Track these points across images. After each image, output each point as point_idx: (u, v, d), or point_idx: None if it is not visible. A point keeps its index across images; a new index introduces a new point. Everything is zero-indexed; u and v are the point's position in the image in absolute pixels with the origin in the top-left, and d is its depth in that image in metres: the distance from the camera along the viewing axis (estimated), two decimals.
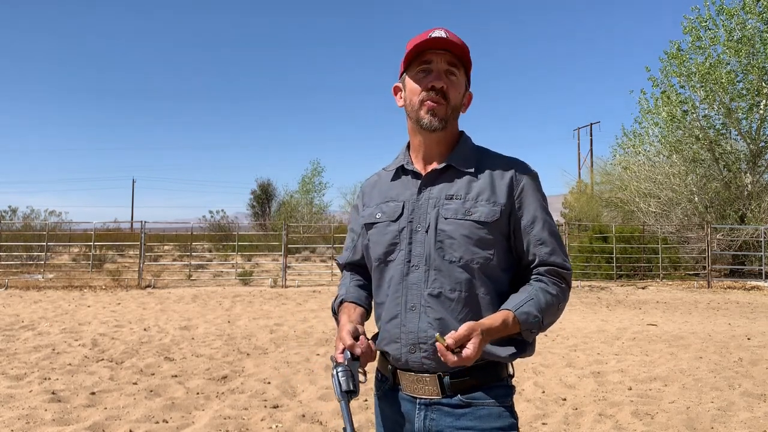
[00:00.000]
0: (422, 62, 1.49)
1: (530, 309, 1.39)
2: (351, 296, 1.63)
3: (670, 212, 19.18)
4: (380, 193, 1.62)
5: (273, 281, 14.88)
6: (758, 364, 6.09)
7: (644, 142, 20.73)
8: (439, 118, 1.48)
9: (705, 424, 4.19)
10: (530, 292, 1.43)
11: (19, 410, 4.33)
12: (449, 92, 1.48)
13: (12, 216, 22.75)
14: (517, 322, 1.37)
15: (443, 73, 1.48)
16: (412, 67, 1.52)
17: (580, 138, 45.33)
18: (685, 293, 13.70)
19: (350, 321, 1.50)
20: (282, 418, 4.28)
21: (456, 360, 1.28)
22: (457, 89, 1.51)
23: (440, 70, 1.48)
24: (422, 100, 1.49)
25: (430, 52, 1.48)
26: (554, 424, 4.21)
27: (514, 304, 1.39)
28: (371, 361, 1.44)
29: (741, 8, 16.63)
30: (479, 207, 1.46)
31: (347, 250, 1.72)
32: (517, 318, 1.37)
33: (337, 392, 1.33)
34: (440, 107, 1.48)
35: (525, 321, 1.37)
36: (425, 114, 1.48)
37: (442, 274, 1.44)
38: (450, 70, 1.49)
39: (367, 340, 1.44)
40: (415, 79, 1.51)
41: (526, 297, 1.41)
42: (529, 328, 1.39)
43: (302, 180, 34.64)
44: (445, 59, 1.48)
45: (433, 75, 1.48)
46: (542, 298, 1.42)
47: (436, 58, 1.48)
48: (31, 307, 10.24)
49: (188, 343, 7.07)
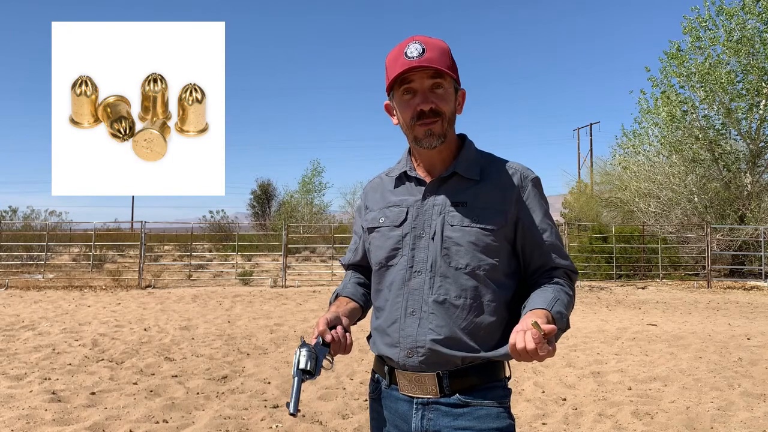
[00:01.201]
0: (404, 81, 1.46)
1: (560, 308, 1.38)
2: (347, 291, 1.65)
3: (669, 212, 19.18)
4: (383, 197, 1.62)
5: (273, 281, 14.88)
6: (758, 364, 6.10)
7: (644, 142, 20.73)
8: (437, 135, 1.47)
9: (705, 424, 4.19)
10: (554, 292, 1.42)
11: (20, 410, 4.33)
12: (440, 107, 1.46)
13: (12, 216, 22.78)
14: (554, 321, 1.35)
15: (427, 91, 1.45)
16: (395, 87, 1.49)
17: (580, 138, 45.38)
18: (684, 293, 13.71)
19: (336, 311, 1.52)
20: (282, 418, 4.29)
21: (549, 350, 1.21)
22: (446, 101, 1.48)
23: (424, 89, 1.45)
24: (415, 124, 1.47)
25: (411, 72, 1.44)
26: (554, 424, 4.22)
27: (547, 303, 1.37)
28: (342, 353, 1.45)
29: (741, 8, 16.63)
30: (485, 214, 1.46)
31: (350, 251, 1.74)
32: (553, 316, 1.35)
33: (294, 369, 1.36)
34: (436, 125, 1.46)
35: (559, 320, 1.36)
36: (422, 136, 1.47)
37: (448, 280, 1.44)
38: (434, 83, 1.46)
39: (345, 332, 1.46)
40: (402, 101, 1.49)
41: (554, 296, 1.40)
42: (561, 327, 1.38)
43: (302, 180, 34.62)
44: (427, 75, 1.45)
45: (418, 97, 1.45)
46: (564, 299, 1.42)
47: (417, 77, 1.45)
48: (32, 307, 10.24)
49: (188, 343, 7.07)
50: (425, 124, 1.46)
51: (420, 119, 1.46)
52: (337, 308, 1.56)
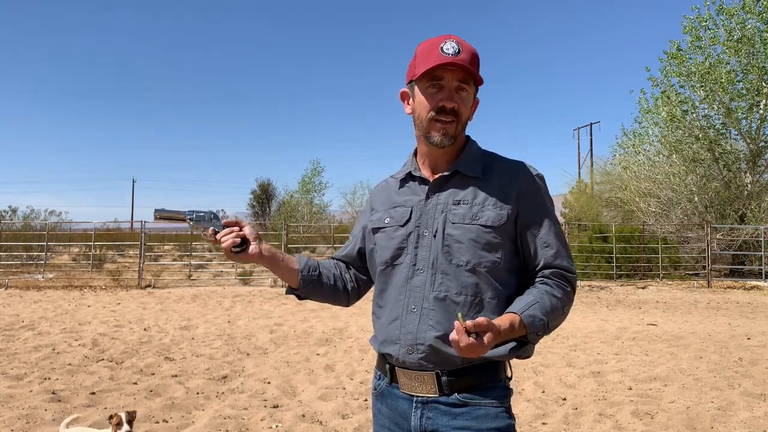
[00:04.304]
0: (433, 77, 1.47)
1: (536, 312, 1.38)
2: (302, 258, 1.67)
3: (670, 212, 19.18)
4: (389, 198, 1.63)
5: (273, 281, 14.88)
6: (758, 363, 6.10)
7: (644, 142, 20.75)
8: (450, 136, 1.49)
9: (705, 424, 4.19)
10: (535, 295, 1.43)
11: (19, 410, 4.33)
12: (460, 109, 1.48)
13: (12, 216, 22.78)
14: (524, 326, 1.36)
15: (454, 90, 1.47)
16: (422, 78, 1.49)
17: (580, 138, 45.30)
18: (685, 293, 13.71)
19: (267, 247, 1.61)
20: (282, 418, 4.29)
21: (470, 342, 1.24)
22: (466, 105, 1.50)
23: (451, 88, 1.47)
24: (432, 118, 1.48)
25: (443, 67, 1.46)
26: (554, 424, 4.21)
27: (520, 307, 1.39)
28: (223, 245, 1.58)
29: (741, 8, 16.63)
30: (486, 211, 1.47)
31: (342, 248, 1.78)
32: (524, 321, 1.36)
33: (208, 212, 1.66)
34: (451, 126, 1.48)
35: (531, 324, 1.37)
36: (435, 133, 1.48)
37: (449, 277, 1.45)
38: (461, 86, 1.48)
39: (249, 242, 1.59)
40: (426, 93, 1.49)
41: (532, 300, 1.41)
42: (535, 331, 1.38)
43: (302, 180, 34.55)
44: (457, 77, 1.46)
45: (444, 93, 1.47)
46: (547, 301, 1.41)
47: (448, 75, 1.46)
48: (31, 307, 10.24)
49: (188, 343, 7.07)
50: (443, 123, 1.47)
51: (439, 114, 1.47)
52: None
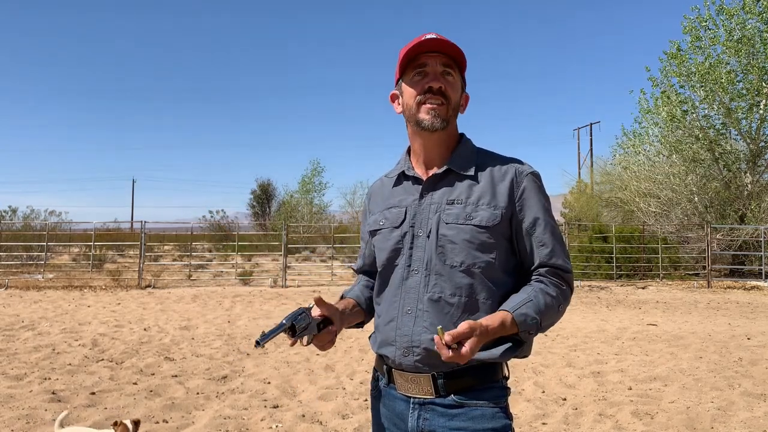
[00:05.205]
0: (417, 66, 1.50)
1: (528, 310, 1.38)
2: (352, 293, 1.69)
3: (670, 212, 19.18)
4: (383, 199, 1.63)
5: (273, 281, 14.88)
6: (758, 363, 6.10)
7: (644, 142, 20.73)
8: (441, 118, 1.48)
9: (705, 424, 4.19)
10: (529, 293, 1.42)
11: (19, 410, 4.33)
12: (448, 91, 1.49)
13: (12, 216, 22.77)
14: (515, 324, 1.36)
15: (439, 74, 1.49)
16: (407, 72, 1.52)
17: (580, 138, 45.27)
18: (685, 293, 13.71)
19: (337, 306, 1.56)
20: (282, 418, 4.29)
21: (450, 355, 1.25)
22: (454, 89, 1.51)
23: (436, 71, 1.49)
24: (420, 102, 1.49)
25: (425, 55, 1.48)
26: (554, 424, 4.21)
27: (512, 305, 1.38)
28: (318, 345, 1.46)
29: (741, 8, 16.63)
30: (480, 211, 1.46)
31: (359, 257, 1.77)
32: (515, 319, 1.36)
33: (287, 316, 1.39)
34: (441, 107, 1.48)
35: (523, 322, 1.36)
36: (425, 114, 1.48)
37: (443, 278, 1.44)
38: (446, 70, 1.50)
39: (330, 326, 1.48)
40: (412, 83, 1.51)
41: (525, 298, 1.40)
42: (526, 329, 1.38)
43: (302, 180, 34.55)
44: (440, 61, 1.49)
45: (429, 76, 1.49)
46: (541, 300, 1.40)
47: (431, 60, 1.49)
48: (31, 307, 10.24)
49: (188, 343, 7.07)
50: (432, 104, 1.48)
51: (427, 93, 1.48)
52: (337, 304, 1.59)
